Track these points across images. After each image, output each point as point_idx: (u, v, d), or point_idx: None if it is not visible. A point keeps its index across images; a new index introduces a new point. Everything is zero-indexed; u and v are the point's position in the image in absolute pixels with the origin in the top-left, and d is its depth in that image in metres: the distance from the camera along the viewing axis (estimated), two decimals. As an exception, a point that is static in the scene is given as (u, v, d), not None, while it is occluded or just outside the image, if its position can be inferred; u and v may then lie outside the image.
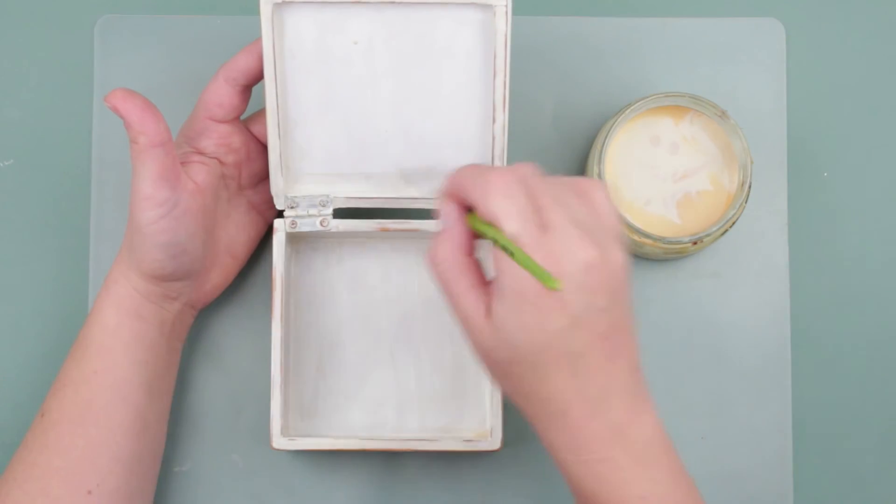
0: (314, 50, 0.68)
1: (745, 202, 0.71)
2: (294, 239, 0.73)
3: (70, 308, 0.76)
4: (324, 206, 0.71)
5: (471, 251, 0.60)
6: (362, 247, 0.74)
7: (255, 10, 0.67)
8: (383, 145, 0.71)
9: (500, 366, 0.59)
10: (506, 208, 0.57)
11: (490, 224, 0.57)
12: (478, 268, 0.60)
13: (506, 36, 0.67)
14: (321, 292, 0.74)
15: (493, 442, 0.70)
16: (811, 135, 0.78)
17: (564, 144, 0.77)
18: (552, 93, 0.77)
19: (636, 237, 0.71)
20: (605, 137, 0.71)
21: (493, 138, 0.69)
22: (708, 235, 0.71)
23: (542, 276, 0.55)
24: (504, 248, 0.56)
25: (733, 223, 0.72)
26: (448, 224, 0.60)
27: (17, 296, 0.76)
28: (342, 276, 0.74)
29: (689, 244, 0.71)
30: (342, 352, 0.74)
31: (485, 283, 0.59)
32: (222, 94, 0.69)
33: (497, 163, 0.70)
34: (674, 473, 0.60)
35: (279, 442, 0.69)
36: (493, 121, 0.69)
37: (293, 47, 0.68)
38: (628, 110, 0.71)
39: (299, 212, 0.71)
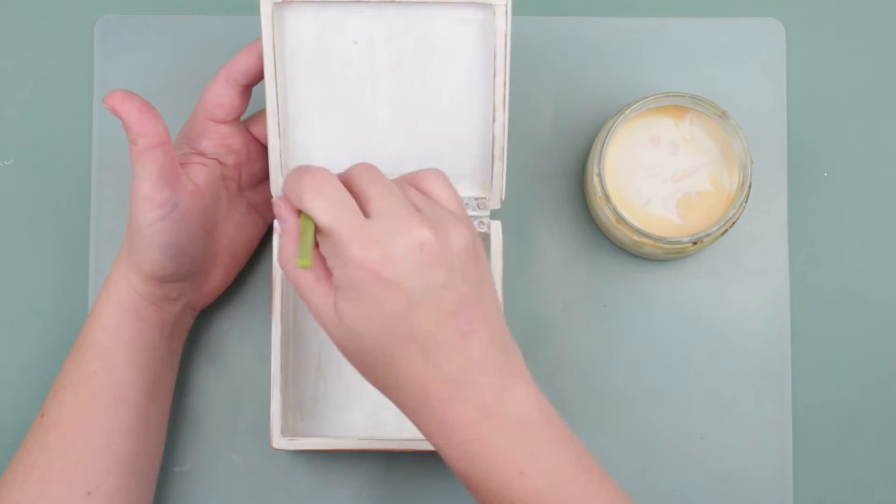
0: (314, 49, 0.68)
1: (745, 202, 0.71)
2: None
3: (70, 308, 0.76)
4: None
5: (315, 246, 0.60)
6: None
7: (255, 10, 0.67)
8: (383, 145, 0.71)
9: (355, 357, 0.59)
10: (318, 202, 0.58)
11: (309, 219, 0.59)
12: (324, 262, 0.60)
13: (506, 35, 0.67)
14: None
15: None
16: (811, 135, 0.78)
17: (564, 144, 0.77)
18: (552, 93, 0.77)
19: (636, 237, 0.71)
20: (605, 137, 0.71)
21: (493, 138, 0.69)
22: (708, 235, 0.71)
23: (300, 251, 0.57)
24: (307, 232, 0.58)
25: (733, 223, 0.72)
26: (286, 224, 0.61)
27: (17, 296, 0.76)
28: None
29: (689, 244, 0.71)
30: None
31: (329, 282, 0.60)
32: (222, 95, 0.69)
33: (497, 163, 0.70)
34: (556, 443, 0.58)
35: (279, 442, 0.69)
36: (493, 120, 0.69)
37: (293, 47, 0.68)
38: (628, 110, 0.71)
39: None
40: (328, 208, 0.58)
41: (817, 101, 0.78)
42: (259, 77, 0.69)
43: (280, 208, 0.61)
